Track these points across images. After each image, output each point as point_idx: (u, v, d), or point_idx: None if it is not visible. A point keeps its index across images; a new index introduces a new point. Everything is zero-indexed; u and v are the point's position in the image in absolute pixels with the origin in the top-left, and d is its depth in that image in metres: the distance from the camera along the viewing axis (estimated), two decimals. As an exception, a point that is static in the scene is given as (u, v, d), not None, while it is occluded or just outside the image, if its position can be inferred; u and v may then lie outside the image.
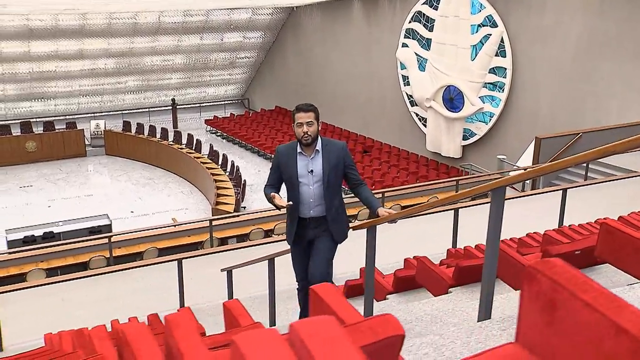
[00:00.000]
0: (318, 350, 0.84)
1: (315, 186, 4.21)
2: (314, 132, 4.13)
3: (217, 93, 29.12)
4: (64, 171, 21.96)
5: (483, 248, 4.61)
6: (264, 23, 26.03)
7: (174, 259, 5.83)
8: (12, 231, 15.06)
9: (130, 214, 18.23)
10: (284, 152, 4.29)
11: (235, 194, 17.27)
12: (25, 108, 25.24)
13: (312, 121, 4.13)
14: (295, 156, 4.21)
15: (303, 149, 4.20)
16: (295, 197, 4.18)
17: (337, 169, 4.21)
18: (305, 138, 4.11)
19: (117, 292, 8.28)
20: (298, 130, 4.13)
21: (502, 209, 2.39)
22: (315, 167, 4.18)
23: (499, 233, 2.47)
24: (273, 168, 4.37)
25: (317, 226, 4.30)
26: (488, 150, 18.13)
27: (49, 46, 22.95)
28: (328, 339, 0.88)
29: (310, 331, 0.92)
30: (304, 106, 4.20)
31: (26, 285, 5.97)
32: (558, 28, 15.54)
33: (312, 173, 4.18)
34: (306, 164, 4.19)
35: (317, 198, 4.20)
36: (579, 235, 4.27)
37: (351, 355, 0.85)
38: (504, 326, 2.16)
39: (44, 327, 6.39)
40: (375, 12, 21.48)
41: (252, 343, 0.87)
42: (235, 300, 3.89)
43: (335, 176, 4.22)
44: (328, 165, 4.18)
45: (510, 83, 17.12)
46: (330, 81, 24.11)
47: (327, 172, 4.18)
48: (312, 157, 4.21)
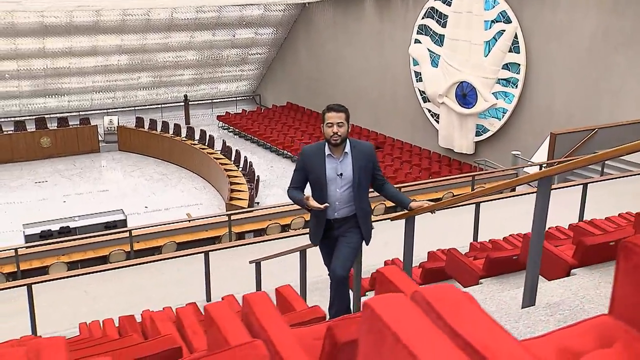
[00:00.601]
0: (447, 312, 0.91)
1: (343, 189, 4.14)
2: (343, 133, 4.06)
3: (228, 89, 29.24)
4: (78, 167, 22.15)
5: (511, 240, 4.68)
6: (276, 19, 26.09)
7: (200, 251, 5.92)
8: (29, 226, 15.23)
9: (145, 209, 18.36)
10: (311, 154, 4.21)
11: (249, 189, 17.37)
12: (40, 104, 25.45)
13: (343, 122, 4.06)
14: (323, 158, 4.13)
15: (332, 151, 4.12)
16: (321, 199, 4.12)
17: (366, 171, 4.17)
18: (335, 139, 4.04)
19: (139, 284, 8.39)
20: (327, 130, 4.07)
21: (549, 198, 2.45)
22: (344, 170, 4.12)
23: (545, 222, 2.53)
24: (298, 169, 4.28)
25: (341, 225, 4.25)
26: (501, 147, 18.12)
27: (63, 43, 23.13)
28: (453, 302, 0.95)
29: (436, 295, 1.00)
30: (336, 106, 4.14)
31: (55, 277, 6.08)
32: (572, 24, 15.51)
33: (341, 176, 4.11)
34: (335, 167, 4.12)
35: (344, 201, 4.15)
36: (609, 227, 4.32)
37: (477, 314, 0.92)
38: (551, 312, 2.22)
39: (71, 317, 6.48)
40: (388, 8, 21.49)
41: (386, 305, 0.94)
42: (287, 286, 3.97)
43: (365, 178, 4.19)
44: (358, 168, 4.12)
45: (524, 79, 17.10)
46: (342, 77, 24.15)
47: (357, 175, 4.12)
48: (341, 160, 4.13)
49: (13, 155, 21.98)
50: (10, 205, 18.50)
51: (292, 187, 4.28)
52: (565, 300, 2.34)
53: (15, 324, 6.35)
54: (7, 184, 20.30)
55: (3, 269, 9.40)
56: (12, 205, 18.51)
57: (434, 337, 0.83)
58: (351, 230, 4.24)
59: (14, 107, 25.07)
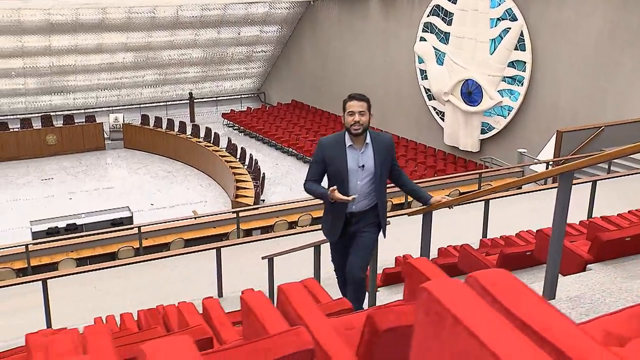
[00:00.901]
0: (502, 295, 0.94)
1: (364, 181, 4.06)
2: (365, 122, 3.98)
3: (233, 87, 29.27)
4: (84, 164, 22.22)
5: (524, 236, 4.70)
6: (281, 17, 26.11)
7: (212, 247, 5.96)
8: (36, 223, 15.31)
9: (151, 206, 18.43)
10: (330, 145, 4.12)
11: (255, 187, 17.41)
12: (45, 102, 25.53)
13: (365, 111, 3.99)
14: (344, 149, 4.04)
15: (353, 141, 4.04)
16: (341, 191, 4.00)
17: (386, 162, 4.10)
18: (356, 128, 3.95)
19: (149, 281, 8.43)
20: (349, 119, 3.98)
21: (570, 192, 2.48)
22: (366, 162, 4.04)
23: (566, 216, 2.56)
24: (317, 162, 4.16)
25: (358, 221, 4.17)
26: (506, 144, 18.13)
27: (69, 40, 23.19)
28: (508, 286, 0.98)
29: (490, 279, 1.02)
30: (358, 95, 4.07)
31: (70, 272, 6.12)
32: (579, 21, 15.50)
33: (362, 168, 4.04)
34: (356, 159, 4.04)
35: (364, 193, 4.07)
36: (623, 224, 4.34)
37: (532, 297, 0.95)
38: (572, 305, 2.24)
39: (84, 312, 6.51)
40: (394, 5, 21.49)
41: (443, 289, 0.97)
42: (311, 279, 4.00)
43: (385, 170, 4.12)
44: (379, 159, 4.05)
45: (530, 77, 17.10)
46: (347, 75, 24.16)
47: (378, 166, 4.06)
48: (363, 152, 4.05)
49: (19, 152, 22.06)
50: (16, 202, 18.59)
51: (310, 180, 4.18)
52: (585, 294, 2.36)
53: (28, 318, 6.40)
54: (13, 181, 20.39)
55: (13, 265, 9.47)
56: (18, 202, 18.59)
57: (493, 319, 0.85)
58: (367, 229, 4.17)
59: (19, 105, 25.15)
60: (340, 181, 4.02)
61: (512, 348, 0.78)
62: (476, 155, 19.31)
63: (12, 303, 7.59)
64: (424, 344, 0.97)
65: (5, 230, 16.35)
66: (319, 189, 4.10)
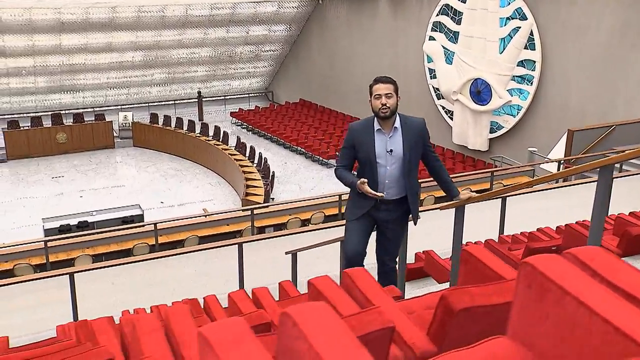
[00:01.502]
0: (602, 269, 1.01)
1: (393, 167, 3.97)
2: (392, 104, 3.91)
3: (241, 86, 29.38)
4: (94, 162, 22.35)
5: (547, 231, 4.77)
6: (290, 16, 26.19)
7: (234, 242, 6.04)
8: (48, 220, 15.44)
9: (160, 204, 18.52)
10: (360, 130, 4.07)
11: (264, 185, 17.48)
12: (55, 100, 25.68)
13: (392, 93, 3.92)
14: (372, 134, 3.98)
15: (381, 125, 3.97)
16: (371, 177, 3.96)
17: (416, 147, 3.99)
18: (384, 111, 3.89)
19: (167, 277, 8.50)
20: (376, 103, 3.92)
21: (610, 186, 2.54)
22: (394, 146, 3.96)
23: (607, 209, 2.62)
24: (347, 147, 4.11)
25: (388, 209, 4.07)
26: (515, 143, 18.16)
27: (79, 39, 23.33)
28: (605, 260, 1.04)
29: (587, 254, 1.10)
30: (384, 78, 4.04)
31: (98, 266, 6.22)
32: (589, 20, 15.51)
33: (391, 153, 3.96)
34: (385, 143, 3.97)
35: (393, 180, 3.98)
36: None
37: (628, 270, 1.02)
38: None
39: (106, 307, 6.57)
40: (402, 5, 21.54)
41: (546, 263, 1.04)
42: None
43: (415, 156, 4.01)
44: (408, 144, 3.95)
45: (539, 76, 17.12)
46: (355, 74, 24.22)
47: (407, 151, 3.95)
48: (391, 136, 3.97)
49: (30, 150, 22.20)
50: (28, 200, 18.71)
51: (341, 166, 4.12)
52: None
53: (51, 312, 6.50)
54: (24, 179, 20.52)
55: (31, 261, 9.58)
56: (30, 200, 18.72)
57: (597, 289, 0.92)
58: (396, 222, 4.11)
59: (29, 103, 25.31)
60: (369, 167, 3.99)
61: (620, 314, 0.84)
62: (485, 154, 19.34)
63: (30, 298, 7.70)
64: (527, 315, 1.04)
65: (18, 227, 16.48)
66: (349, 178, 4.04)
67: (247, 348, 1.09)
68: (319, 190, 18.67)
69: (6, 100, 24.75)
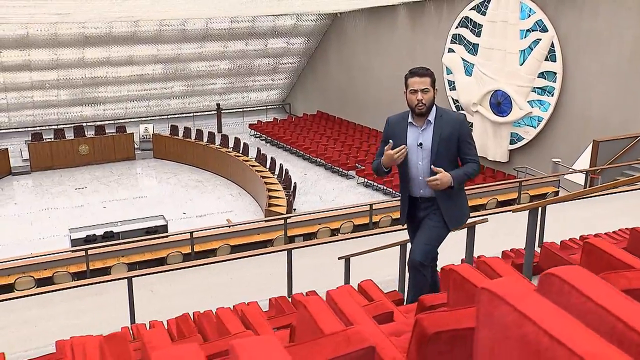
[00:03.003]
0: None
1: (425, 162, 3.80)
2: (428, 100, 3.74)
3: (259, 98, 29.66)
4: (115, 174, 22.62)
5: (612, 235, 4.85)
6: (308, 29, 26.48)
7: (284, 248, 6.17)
8: (75, 230, 15.69)
9: (183, 215, 18.70)
10: (394, 123, 3.95)
11: (287, 195, 17.63)
12: (76, 113, 26.07)
13: (428, 88, 3.75)
14: (405, 127, 3.86)
15: (414, 119, 3.83)
16: (404, 173, 3.88)
17: (449, 142, 3.77)
18: (419, 107, 3.74)
19: (204, 284, 8.62)
20: (411, 98, 3.76)
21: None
22: (425, 140, 3.79)
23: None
24: (383, 140, 4.02)
25: (427, 207, 3.91)
26: (536, 154, 18.21)
27: (102, 53, 23.72)
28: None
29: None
30: (420, 70, 3.84)
31: (157, 270, 6.37)
32: (611, 31, 15.59)
33: (421, 147, 3.79)
34: (416, 137, 3.82)
35: (427, 175, 3.78)
36: None
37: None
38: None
39: (151, 313, 6.70)
40: (421, 18, 21.74)
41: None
42: None
43: (447, 151, 3.77)
44: (439, 137, 3.76)
45: (560, 87, 17.20)
46: (373, 86, 24.40)
47: (436, 144, 3.76)
48: (423, 129, 3.81)
49: (53, 162, 22.53)
50: (53, 211, 18.97)
51: (376, 159, 4.02)
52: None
53: (102, 317, 6.65)
54: (48, 190, 20.82)
55: (69, 269, 9.76)
56: (55, 210, 18.98)
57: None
58: (435, 212, 3.89)
59: (52, 116, 25.70)
60: (402, 162, 3.86)
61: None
62: (505, 165, 19.39)
63: (72, 305, 7.85)
64: None
65: (44, 237, 16.73)
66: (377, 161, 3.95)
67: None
68: (340, 201, 18.79)
69: (30, 113, 25.16)
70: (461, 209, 4.00)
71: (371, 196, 19.08)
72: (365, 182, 20.22)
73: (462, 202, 4.03)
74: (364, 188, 20.15)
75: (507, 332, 1.05)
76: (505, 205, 11.51)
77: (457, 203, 3.94)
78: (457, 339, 1.76)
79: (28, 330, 7.10)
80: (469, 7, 19.46)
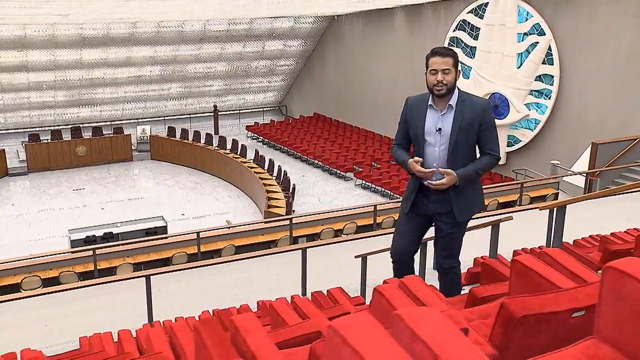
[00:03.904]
0: None
1: (442, 148, 3.60)
2: (450, 81, 3.54)
3: (255, 100, 29.72)
4: (113, 175, 22.59)
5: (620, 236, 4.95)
6: (305, 31, 26.57)
7: (298, 247, 6.23)
8: (74, 231, 15.67)
9: (182, 216, 18.71)
10: (414, 104, 3.72)
11: (285, 197, 17.68)
12: (73, 114, 26.02)
13: (450, 69, 3.55)
14: (425, 109, 3.63)
15: (435, 102, 3.62)
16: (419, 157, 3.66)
17: (469, 129, 3.56)
18: (439, 88, 3.53)
19: (212, 284, 8.66)
20: (431, 79, 3.56)
21: None
22: (444, 125, 3.57)
23: None
24: (401, 122, 3.80)
25: (439, 200, 3.69)
26: (533, 157, 18.37)
27: (100, 54, 23.71)
28: None
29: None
30: (442, 49, 3.63)
31: (179, 268, 6.40)
32: (609, 34, 15.77)
33: (440, 132, 3.58)
34: (435, 121, 3.60)
35: (443, 164, 3.60)
36: None
37: None
38: None
39: (162, 312, 6.73)
40: (419, 21, 21.88)
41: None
42: None
43: (467, 138, 3.58)
44: (459, 124, 3.54)
45: (557, 90, 17.37)
46: (370, 89, 24.52)
47: (456, 131, 3.55)
48: (444, 113, 3.59)
49: (50, 163, 22.48)
50: (51, 212, 18.93)
51: (396, 145, 3.84)
52: None
53: (124, 314, 6.69)
54: (46, 191, 20.76)
55: (75, 269, 9.77)
56: (53, 212, 18.94)
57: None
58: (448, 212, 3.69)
59: (48, 117, 25.64)
60: (417, 146, 3.69)
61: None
62: (502, 167, 19.52)
63: (80, 304, 7.87)
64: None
65: (43, 238, 16.69)
66: (402, 156, 3.76)
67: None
68: (339, 202, 18.87)
69: (26, 114, 25.09)
70: (472, 199, 3.78)
71: (369, 198, 19.17)
72: (363, 184, 20.31)
73: (474, 193, 3.81)
74: (362, 190, 20.24)
75: (636, 306, 1.12)
76: (506, 207, 11.63)
77: (468, 193, 3.73)
78: (541, 323, 1.81)
79: (39, 329, 7.13)
80: (467, 11, 19.63)
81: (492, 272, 3.66)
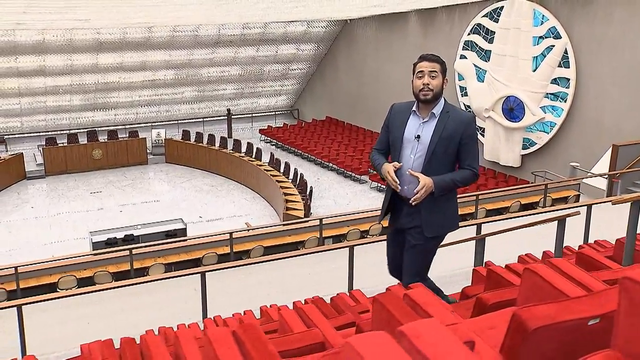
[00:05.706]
0: None
1: (418, 156, 3.49)
2: (436, 86, 3.46)
3: (268, 103, 29.91)
4: (129, 178, 22.79)
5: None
6: (318, 35, 26.76)
7: (345, 245, 6.37)
8: (96, 233, 15.85)
9: (199, 218, 18.87)
10: (398, 110, 3.66)
11: (303, 199, 17.83)
12: (88, 117, 26.24)
13: (437, 73, 3.48)
14: (407, 117, 3.56)
15: (419, 108, 3.53)
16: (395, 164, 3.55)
17: (449, 142, 3.45)
18: (425, 93, 3.46)
19: (247, 284, 8.77)
20: (417, 83, 3.49)
21: None
22: (424, 133, 3.48)
23: None
24: (383, 127, 3.72)
25: (411, 213, 3.55)
26: (549, 160, 18.46)
27: (115, 58, 23.93)
28: None
29: None
30: (430, 55, 3.57)
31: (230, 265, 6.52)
32: (625, 37, 15.88)
33: (418, 139, 3.48)
34: (416, 128, 3.51)
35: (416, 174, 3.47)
36: None
37: None
38: None
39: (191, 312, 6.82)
40: (432, 24, 22.03)
41: None
42: None
43: (445, 151, 3.46)
44: (439, 134, 3.44)
45: (574, 93, 17.48)
46: (383, 93, 24.65)
47: (435, 141, 3.44)
48: (426, 121, 3.51)
49: (67, 166, 22.70)
50: (70, 214, 19.13)
51: (375, 149, 3.75)
52: None
53: (159, 311, 6.82)
54: (64, 194, 20.96)
55: (109, 269, 9.94)
56: (72, 214, 19.13)
57: None
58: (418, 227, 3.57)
59: (64, 121, 25.87)
60: (394, 151, 3.59)
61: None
62: (517, 170, 19.64)
63: (124, 302, 8.01)
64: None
65: (65, 240, 16.88)
66: (378, 160, 3.67)
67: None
68: (355, 205, 19.00)
69: (42, 118, 25.32)
70: (444, 216, 3.60)
71: (386, 200, 19.27)
72: (379, 186, 20.43)
73: (448, 209, 3.63)
74: (377, 192, 20.36)
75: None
76: (529, 209, 11.75)
77: (441, 208, 3.56)
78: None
79: (76, 327, 7.28)
80: (482, 15, 19.77)
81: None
